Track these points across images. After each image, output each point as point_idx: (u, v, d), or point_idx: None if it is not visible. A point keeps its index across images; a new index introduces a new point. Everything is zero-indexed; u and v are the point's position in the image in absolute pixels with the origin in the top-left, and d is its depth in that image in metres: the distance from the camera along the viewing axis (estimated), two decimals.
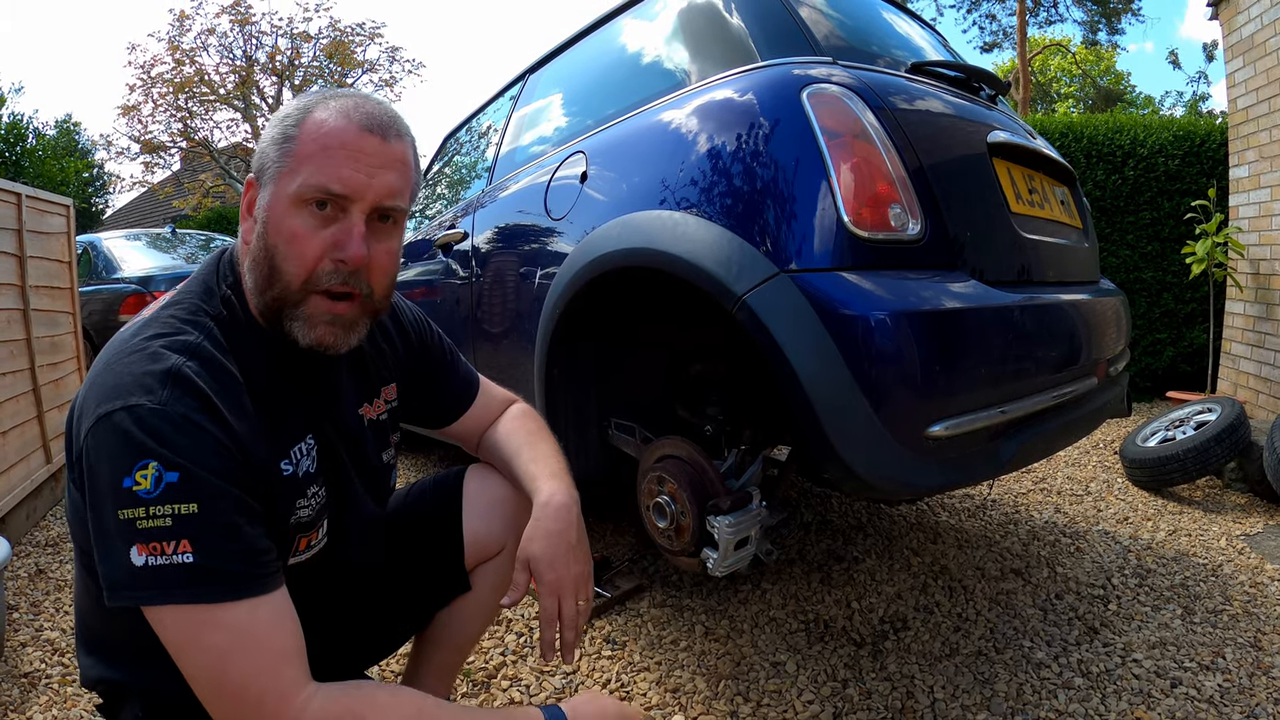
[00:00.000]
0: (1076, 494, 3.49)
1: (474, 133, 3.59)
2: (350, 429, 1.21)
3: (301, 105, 1.02)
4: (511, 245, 2.55)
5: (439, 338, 1.46)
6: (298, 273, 0.99)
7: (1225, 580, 2.48)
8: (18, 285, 3.34)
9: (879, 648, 2.06)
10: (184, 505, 0.84)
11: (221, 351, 0.97)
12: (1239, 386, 4.69)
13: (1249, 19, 4.50)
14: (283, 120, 1.02)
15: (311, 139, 0.98)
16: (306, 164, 0.98)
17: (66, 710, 1.87)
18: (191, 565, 0.83)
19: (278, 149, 1.00)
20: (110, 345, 0.97)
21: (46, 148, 18.49)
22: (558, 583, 1.17)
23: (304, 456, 1.08)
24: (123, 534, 0.83)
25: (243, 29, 16.90)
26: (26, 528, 3.22)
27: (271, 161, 1.00)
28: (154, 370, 0.89)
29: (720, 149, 1.72)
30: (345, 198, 0.98)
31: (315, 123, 0.99)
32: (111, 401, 0.87)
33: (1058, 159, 2.28)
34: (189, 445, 0.86)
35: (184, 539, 0.83)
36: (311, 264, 0.99)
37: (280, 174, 0.99)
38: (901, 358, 1.41)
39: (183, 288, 1.07)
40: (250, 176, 1.05)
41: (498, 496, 1.43)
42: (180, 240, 7.47)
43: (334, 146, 0.98)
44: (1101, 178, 5.68)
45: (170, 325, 0.97)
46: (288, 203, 0.98)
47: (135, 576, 0.83)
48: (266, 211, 1.00)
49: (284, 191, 0.99)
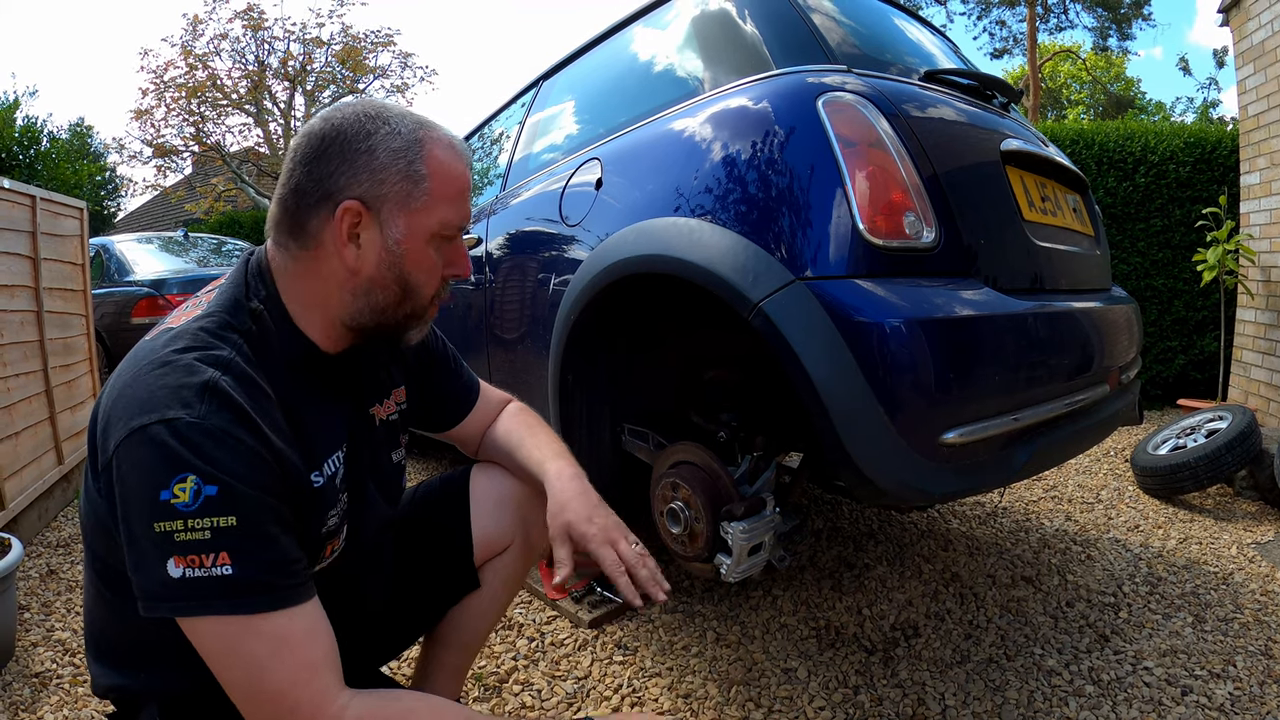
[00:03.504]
0: (1088, 502, 3.48)
1: (487, 139, 3.61)
2: (369, 432, 1.23)
3: (413, 137, 1.05)
4: (526, 251, 2.56)
5: (442, 342, 1.48)
6: (429, 292, 1.11)
7: (1236, 588, 2.47)
8: (32, 287, 3.36)
9: (890, 654, 2.06)
10: (223, 518, 0.85)
11: (252, 367, 0.98)
12: (1250, 394, 4.67)
13: (1260, 25, 4.50)
14: (399, 154, 1.03)
15: (445, 181, 1.06)
16: (445, 204, 1.07)
17: (77, 710, 1.89)
18: (230, 578, 0.84)
19: (407, 184, 1.04)
20: (136, 355, 0.97)
21: (60, 151, 18.52)
22: (604, 529, 1.21)
23: (333, 468, 1.09)
24: (159, 547, 0.84)
25: (255, 34, 16.95)
26: (38, 528, 3.24)
27: (398, 194, 1.04)
28: (190, 383, 0.89)
29: (736, 156, 1.72)
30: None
31: (440, 163, 1.06)
32: (147, 414, 0.87)
33: (1070, 166, 2.28)
34: (228, 459, 0.87)
35: (223, 551, 0.84)
36: (439, 284, 1.13)
37: (416, 209, 1.05)
38: (916, 365, 1.42)
39: (211, 299, 1.07)
40: (353, 203, 1.02)
41: (504, 494, 1.45)
42: (192, 244, 7.51)
43: (466, 189, 1.10)
44: (1112, 185, 5.66)
45: (200, 339, 0.97)
46: (427, 237, 1.07)
47: (172, 589, 0.84)
48: (403, 244, 1.06)
49: (424, 225, 1.06)
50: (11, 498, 2.91)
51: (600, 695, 1.92)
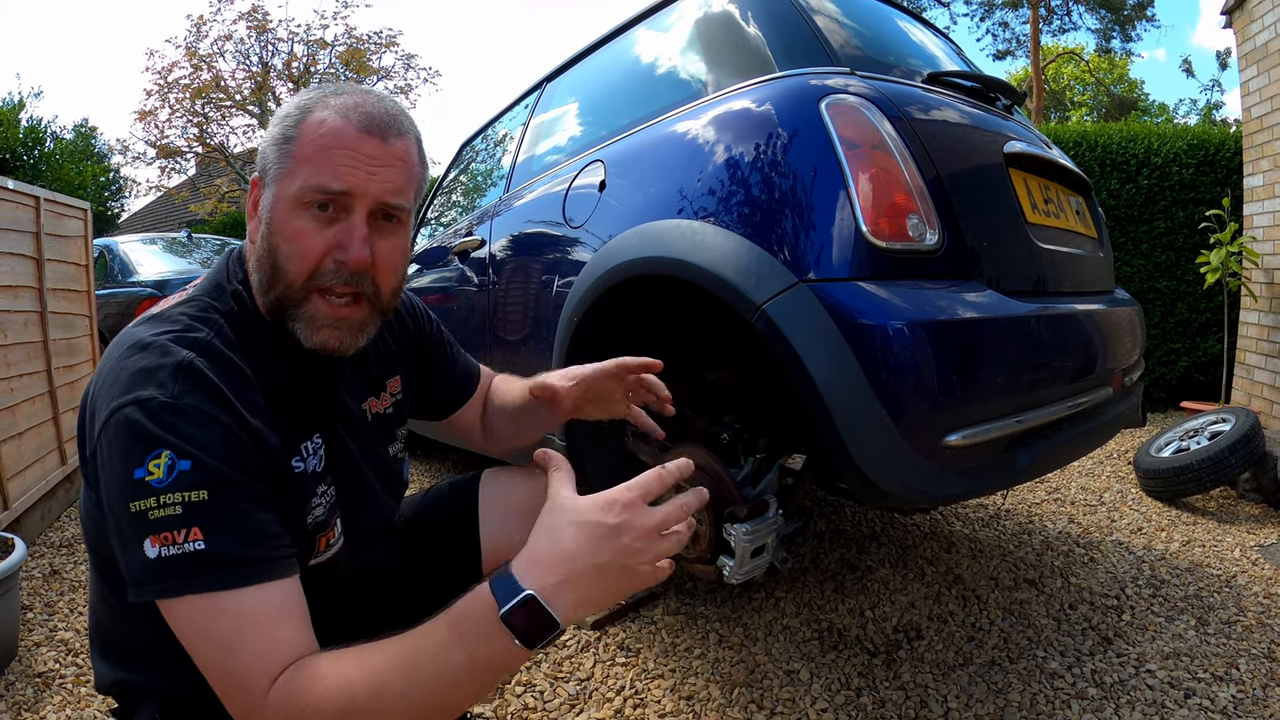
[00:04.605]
0: (1090, 504, 3.48)
1: (490, 141, 3.61)
2: (359, 425, 1.21)
3: (301, 104, 1.01)
4: (529, 252, 2.56)
5: (436, 326, 1.47)
6: (300, 271, 0.99)
7: (1239, 591, 2.47)
8: (36, 288, 3.37)
9: (893, 657, 2.06)
10: (194, 493, 0.83)
11: (231, 348, 0.97)
12: (1253, 397, 4.66)
13: (1263, 27, 4.49)
14: (282, 120, 1.01)
15: (310, 140, 0.98)
16: (306, 165, 0.97)
17: (80, 710, 1.89)
18: (202, 553, 0.82)
19: (278, 149, 1.00)
20: (119, 341, 0.96)
21: (64, 152, 18.60)
22: (620, 363, 1.36)
23: (311, 455, 1.07)
24: (136, 528, 0.83)
25: (259, 35, 17.02)
26: (41, 528, 3.25)
27: (272, 162, 1.00)
28: (165, 364, 0.89)
29: (739, 159, 1.73)
30: (347, 194, 0.98)
31: (314, 123, 0.99)
32: (122, 396, 0.86)
33: (1073, 169, 2.28)
34: (202, 435, 0.86)
35: (194, 526, 0.82)
36: (314, 263, 0.99)
37: (281, 175, 0.99)
38: (919, 367, 1.42)
39: (195, 286, 1.07)
40: (255, 176, 1.04)
41: (514, 501, 1.44)
42: (196, 244, 7.54)
43: (333, 147, 0.97)
44: (1116, 187, 5.66)
45: (180, 322, 0.96)
46: (290, 204, 0.98)
47: (151, 570, 0.82)
48: (270, 212, 1.00)
49: (285, 192, 0.99)
50: (15, 498, 2.91)
51: (603, 697, 1.92)
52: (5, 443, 2.91)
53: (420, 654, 0.83)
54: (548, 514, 0.88)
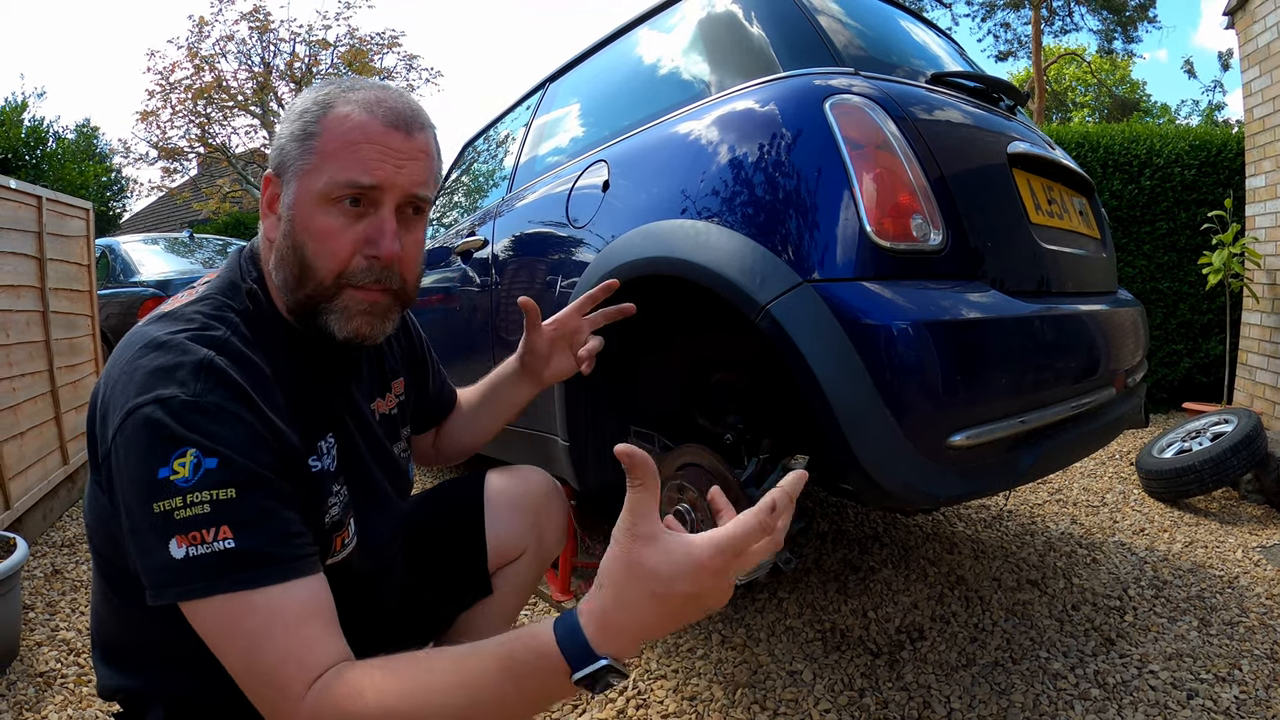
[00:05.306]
0: (1093, 505, 3.48)
1: (493, 141, 3.61)
2: (368, 424, 1.21)
3: (320, 100, 1.00)
4: (532, 253, 2.56)
5: (427, 346, 1.51)
6: (330, 268, 0.99)
7: (1241, 592, 2.46)
8: (37, 288, 3.37)
9: (895, 657, 2.06)
10: (222, 490, 0.82)
11: (249, 346, 0.96)
12: (1255, 398, 4.66)
13: (1265, 28, 4.49)
14: (301, 115, 1.00)
15: (336, 135, 0.97)
16: (332, 161, 0.97)
17: (81, 710, 1.89)
18: (233, 550, 0.81)
19: (299, 145, 0.99)
20: (130, 341, 0.94)
21: (66, 152, 18.62)
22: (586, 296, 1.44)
23: (325, 454, 1.07)
24: (160, 528, 0.81)
25: (261, 36, 17.03)
26: (43, 528, 3.25)
27: (293, 158, 0.99)
28: (185, 362, 0.88)
29: (743, 159, 1.72)
30: (377, 189, 0.98)
31: (338, 118, 0.98)
32: (140, 395, 0.85)
33: (1076, 169, 2.28)
34: (227, 433, 0.85)
35: (224, 525, 0.81)
36: (345, 260, 0.99)
37: (304, 171, 0.98)
38: (923, 367, 1.41)
39: (206, 284, 1.06)
40: (269, 173, 1.03)
41: (519, 500, 1.44)
42: (197, 245, 7.54)
43: (361, 142, 0.97)
44: (1118, 188, 5.66)
45: (196, 320, 0.95)
46: (315, 199, 0.98)
47: (177, 571, 0.81)
48: (292, 209, 1.00)
49: (310, 188, 0.98)
50: (16, 497, 2.92)
51: (605, 697, 1.92)
52: (7, 442, 2.91)
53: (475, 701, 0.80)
54: (627, 571, 0.76)
